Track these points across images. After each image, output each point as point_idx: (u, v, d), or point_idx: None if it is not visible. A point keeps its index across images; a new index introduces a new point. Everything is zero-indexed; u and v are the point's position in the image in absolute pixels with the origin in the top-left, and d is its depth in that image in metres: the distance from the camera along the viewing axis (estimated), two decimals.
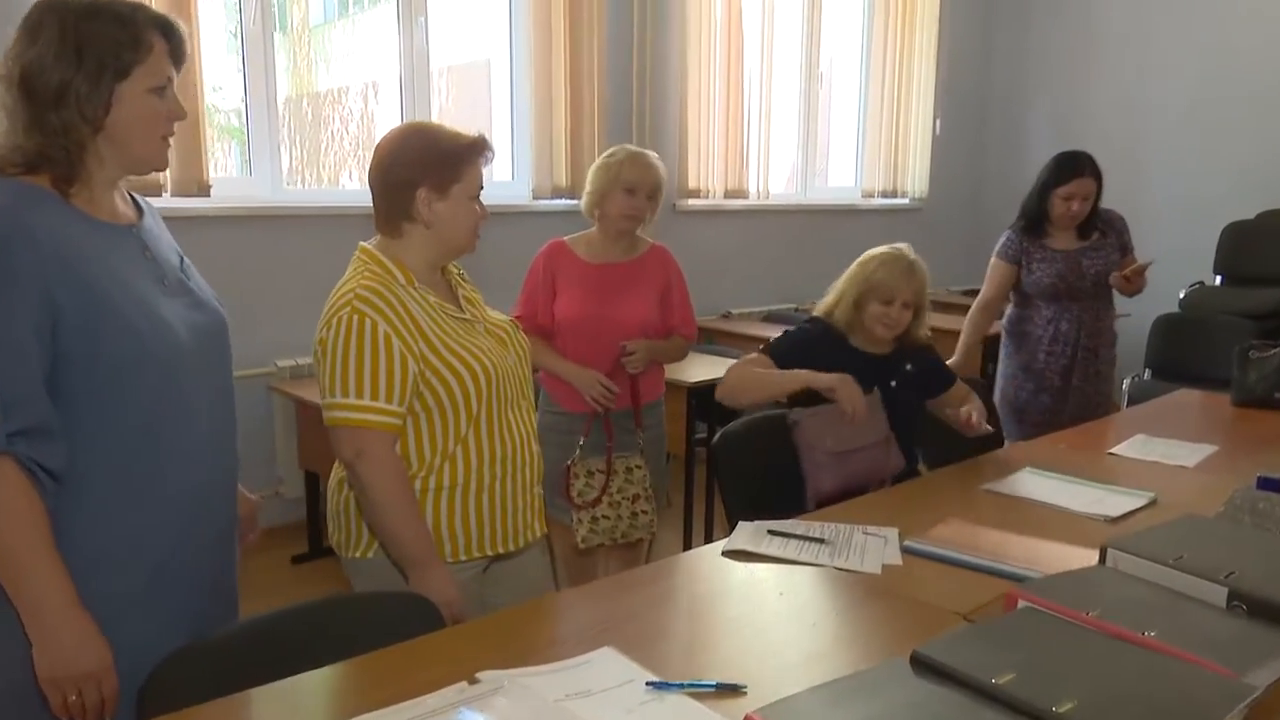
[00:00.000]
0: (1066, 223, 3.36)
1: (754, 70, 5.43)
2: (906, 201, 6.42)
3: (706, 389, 3.71)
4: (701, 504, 3.80)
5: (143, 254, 1.47)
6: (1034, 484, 2.32)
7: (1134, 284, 3.33)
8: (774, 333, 4.83)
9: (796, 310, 5.78)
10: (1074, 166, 3.34)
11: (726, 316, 5.48)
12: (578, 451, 2.70)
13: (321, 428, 1.75)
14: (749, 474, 2.56)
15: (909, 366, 2.55)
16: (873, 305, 2.47)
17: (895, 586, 1.73)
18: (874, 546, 1.91)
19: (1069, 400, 3.37)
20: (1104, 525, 2.05)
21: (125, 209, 1.51)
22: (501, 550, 1.83)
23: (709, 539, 3.81)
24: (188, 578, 1.52)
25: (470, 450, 1.76)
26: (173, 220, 3.53)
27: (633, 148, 2.77)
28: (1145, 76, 6.13)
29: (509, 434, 1.81)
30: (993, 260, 3.55)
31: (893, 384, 2.49)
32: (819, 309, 2.61)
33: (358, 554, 1.80)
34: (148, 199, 1.63)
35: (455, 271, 1.92)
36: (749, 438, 2.61)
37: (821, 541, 1.91)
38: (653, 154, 2.79)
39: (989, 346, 4.94)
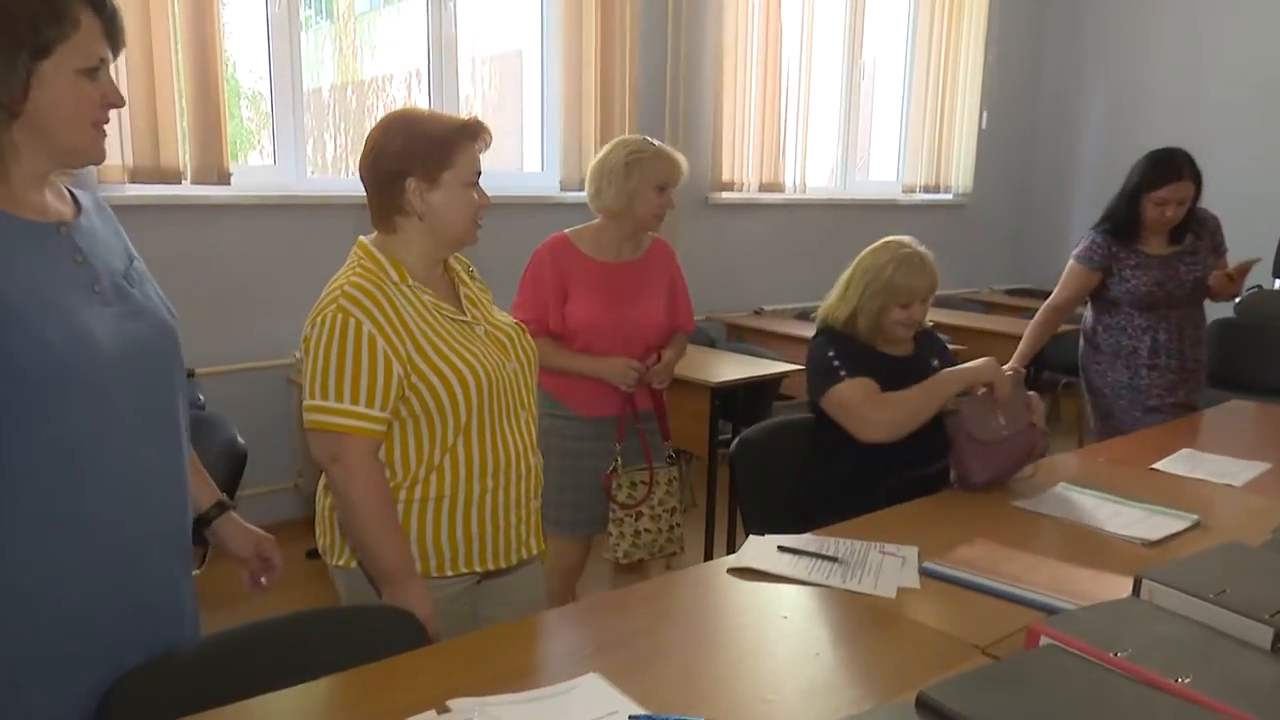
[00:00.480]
0: (1160, 228, 3.10)
1: (793, 59, 5.29)
2: (950, 197, 6.24)
3: (731, 389, 3.60)
4: (724, 506, 3.68)
5: (71, 257, 1.31)
6: (1068, 502, 2.18)
7: (1236, 284, 3.13)
8: (807, 330, 4.72)
9: None
10: (1170, 168, 3.05)
11: (758, 313, 5.35)
12: (619, 460, 2.61)
13: None
14: (769, 482, 2.46)
15: (935, 362, 2.43)
16: (894, 312, 2.35)
17: (910, 613, 1.61)
18: (890, 567, 1.79)
19: (1173, 416, 3.14)
20: (1142, 549, 1.91)
21: (58, 205, 1.35)
22: (491, 567, 1.74)
23: (731, 544, 3.70)
24: (111, 638, 1.32)
25: (459, 460, 1.67)
26: (191, 209, 3.65)
27: (657, 143, 2.65)
28: (1205, 69, 5.88)
29: (503, 445, 1.71)
30: (1072, 264, 3.26)
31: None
32: (829, 319, 2.45)
33: (340, 562, 1.73)
34: (98, 194, 1.50)
35: (460, 268, 1.83)
36: (769, 443, 2.50)
37: (835, 560, 1.80)
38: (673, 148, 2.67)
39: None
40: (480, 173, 1.71)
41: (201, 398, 3.05)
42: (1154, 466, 2.47)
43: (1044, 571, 1.78)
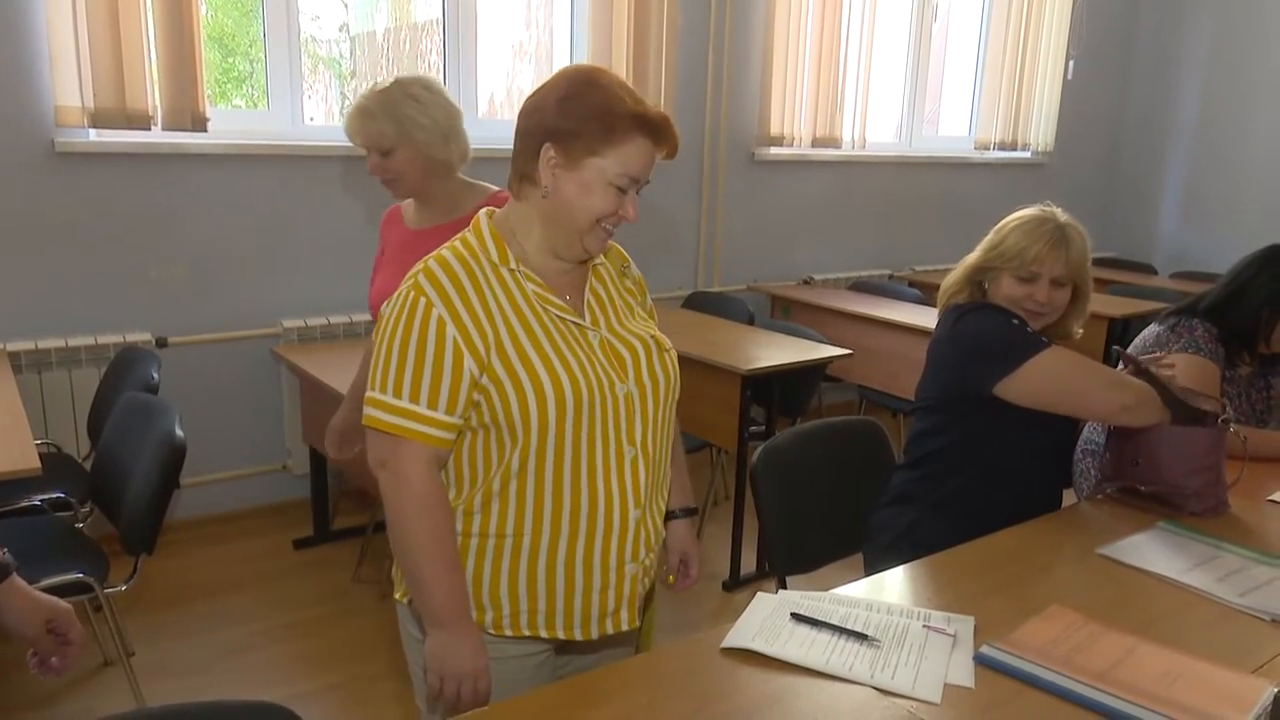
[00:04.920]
0: None
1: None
2: (1028, 155, 5.69)
3: (765, 377, 3.17)
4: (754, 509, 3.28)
5: None
6: (1167, 550, 1.73)
7: None
8: (862, 304, 4.30)
9: (890, 278, 5.15)
10: None
11: (807, 283, 4.89)
12: None
13: (326, 400, 1.34)
14: (800, 504, 2.04)
15: None
16: (1006, 282, 1.93)
17: None
18: (937, 651, 1.36)
19: None
20: (1269, 629, 1.46)
21: None
22: (563, 636, 1.42)
23: (761, 559, 3.29)
24: None
25: (526, 493, 1.36)
26: (162, 158, 3.28)
27: (367, 88, 2.11)
28: None
29: (589, 483, 1.37)
30: (1195, 359, 2.22)
31: None
32: (945, 299, 2.07)
33: (398, 595, 1.48)
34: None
35: (611, 262, 1.51)
36: (801, 454, 2.08)
37: (864, 638, 1.38)
38: (377, 92, 2.08)
39: (1118, 328, 4.26)
40: (642, 181, 1.38)
41: (156, 376, 2.72)
42: (1273, 498, 2.00)
43: (1142, 666, 1.33)
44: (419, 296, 1.32)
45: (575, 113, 1.32)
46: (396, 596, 1.49)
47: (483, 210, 1.45)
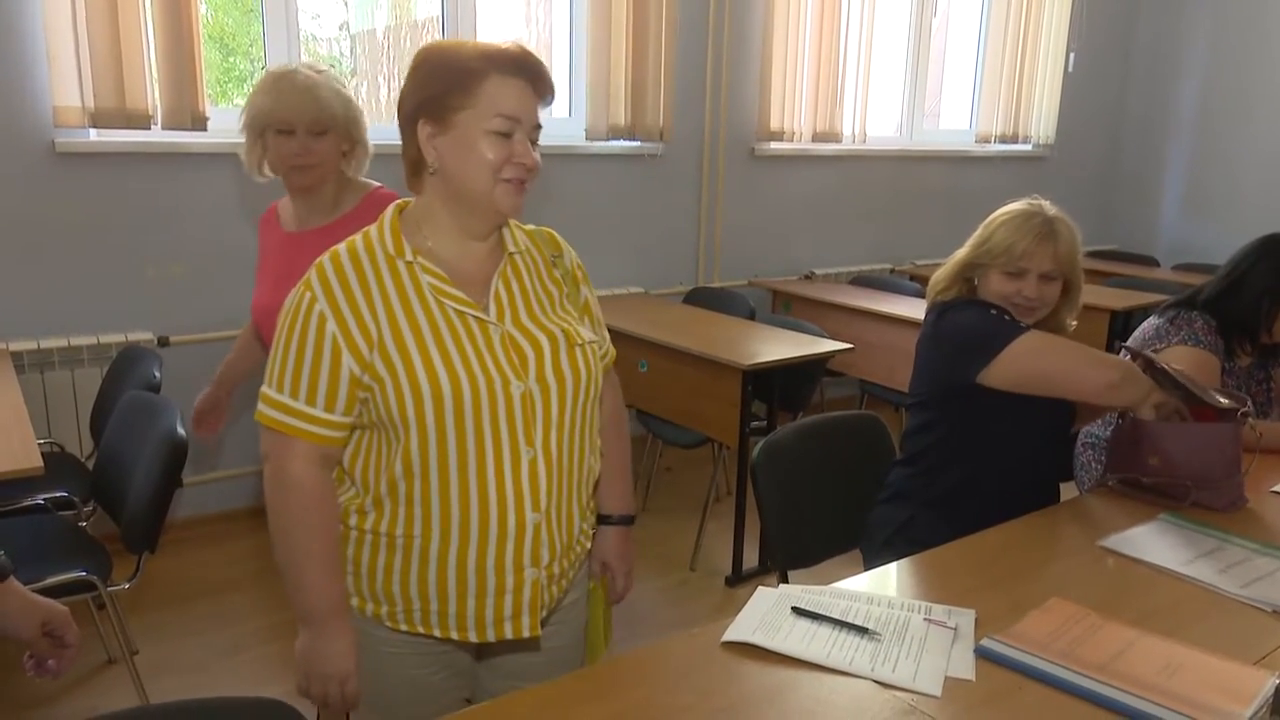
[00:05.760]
0: None
1: None
2: (1029, 148, 5.67)
3: (766, 372, 3.16)
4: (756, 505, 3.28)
5: None
6: (1169, 542, 1.72)
7: None
8: (863, 299, 4.29)
9: (892, 272, 5.14)
10: None
11: (808, 278, 4.88)
12: None
13: None
14: (801, 500, 2.04)
15: None
16: (994, 278, 1.91)
17: (960, 718, 1.19)
18: (937, 644, 1.36)
19: None
20: (1271, 621, 1.45)
21: None
22: (456, 637, 1.39)
23: (764, 554, 3.30)
24: None
25: (414, 496, 1.32)
26: (162, 157, 3.29)
27: (289, 67, 2.06)
28: None
29: (480, 487, 1.32)
30: (1195, 352, 2.25)
31: None
32: (934, 296, 2.04)
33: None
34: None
35: (536, 249, 1.46)
36: (802, 449, 2.08)
37: (865, 632, 1.38)
38: (314, 72, 2.04)
39: (1120, 321, 4.25)
40: (520, 119, 1.32)
41: (157, 375, 2.72)
42: (1277, 490, 1.99)
43: (1142, 658, 1.33)
44: (305, 292, 1.31)
45: (427, 79, 1.31)
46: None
47: (393, 204, 1.42)
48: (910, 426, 2.05)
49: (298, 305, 1.30)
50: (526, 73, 1.32)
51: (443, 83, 1.30)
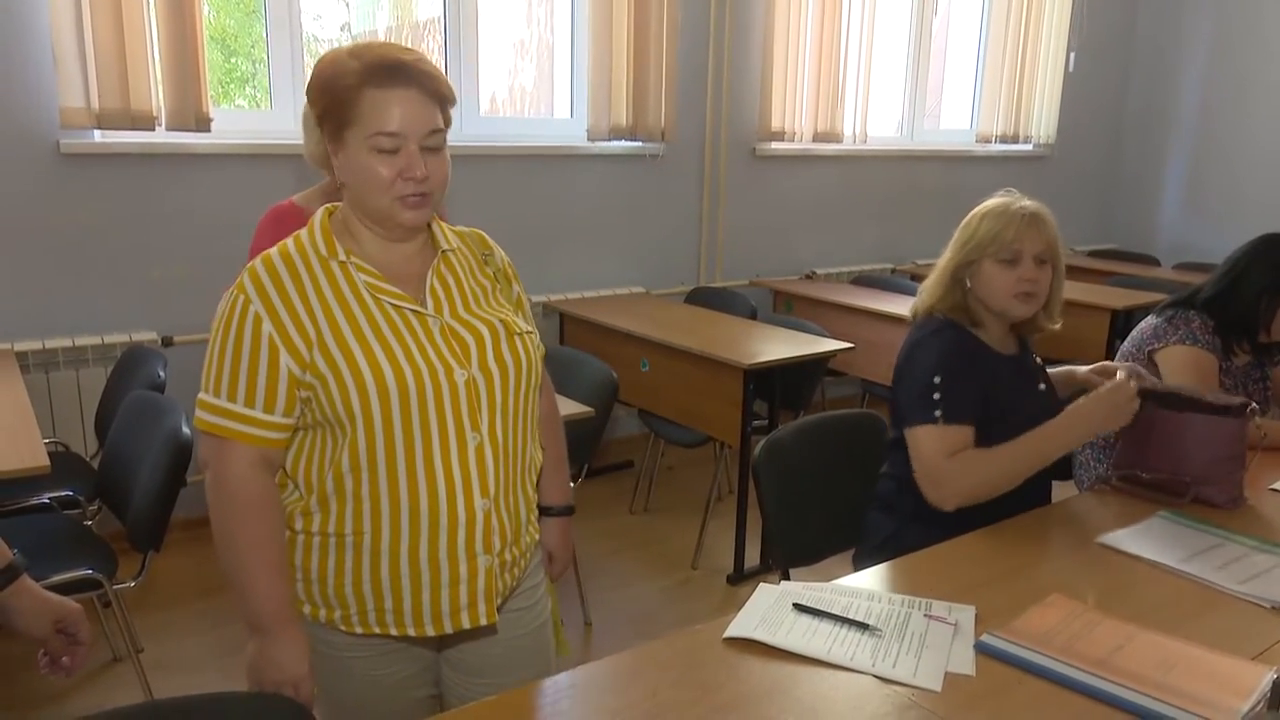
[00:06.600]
0: None
1: None
2: (1030, 148, 5.67)
3: (768, 371, 3.18)
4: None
5: None
6: (1168, 539, 1.74)
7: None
8: (864, 299, 4.30)
9: (893, 272, 5.15)
10: None
11: (810, 277, 4.89)
12: None
13: None
14: (803, 497, 2.05)
15: (1038, 359, 2.02)
16: (989, 271, 1.88)
17: (961, 714, 1.20)
18: (938, 639, 1.37)
19: None
20: (1269, 616, 1.47)
21: None
22: (412, 632, 1.37)
23: (763, 547, 3.31)
24: None
25: (362, 492, 1.31)
26: (167, 158, 3.31)
27: None
28: None
29: (428, 478, 1.32)
30: (1192, 351, 2.28)
31: (1042, 387, 1.98)
32: (929, 303, 2.00)
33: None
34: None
35: (467, 248, 1.45)
36: (804, 448, 2.09)
37: (865, 628, 1.39)
38: None
39: (1120, 320, 4.25)
40: (404, 133, 1.27)
41: (162, 375, 2.74)
42: (1275, 487, 2.00)
43: (1141, 653, 1.34)
44: (238, 295, 1.29)
45: (316, 95, 1.30)
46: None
47: (323, 207, 1.40)
48: (891, 440, 2.02)
49: (231, 309, 1.28)
50: (409, 81, 1.27)
51: (325, 99, 1.29)
